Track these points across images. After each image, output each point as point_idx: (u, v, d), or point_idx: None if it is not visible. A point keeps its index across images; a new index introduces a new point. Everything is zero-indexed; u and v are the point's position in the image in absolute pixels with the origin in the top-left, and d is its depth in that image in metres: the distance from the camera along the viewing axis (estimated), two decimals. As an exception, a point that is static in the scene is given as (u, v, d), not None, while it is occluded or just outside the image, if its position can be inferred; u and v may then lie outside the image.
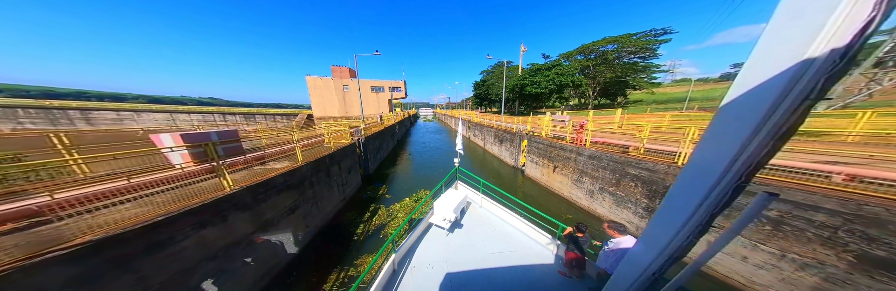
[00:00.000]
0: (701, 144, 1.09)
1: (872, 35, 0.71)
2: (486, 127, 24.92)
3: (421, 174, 16.54)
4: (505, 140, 19.30)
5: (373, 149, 16.82)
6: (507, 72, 65.40)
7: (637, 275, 1.49)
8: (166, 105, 48.40)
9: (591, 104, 45.40)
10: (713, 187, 1.04)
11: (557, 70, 38.49)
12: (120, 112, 36.04)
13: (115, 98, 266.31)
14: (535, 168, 14.11)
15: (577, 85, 37.53)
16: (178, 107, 43.55)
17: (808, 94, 0.80)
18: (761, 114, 0.87)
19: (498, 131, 20.92)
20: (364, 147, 14.40)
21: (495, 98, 61.80)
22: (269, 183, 6.05)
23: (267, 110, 54.47)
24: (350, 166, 11.85)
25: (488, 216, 5.78)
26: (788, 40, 0.80)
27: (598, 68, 42.35)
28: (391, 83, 46.04)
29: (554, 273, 3.98)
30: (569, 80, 37.05)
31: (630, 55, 38.73)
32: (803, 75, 0.79)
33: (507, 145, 18.76)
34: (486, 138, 25.25)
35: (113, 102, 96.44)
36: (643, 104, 52.66)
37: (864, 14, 0.68)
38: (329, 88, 42.10)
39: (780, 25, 0.80)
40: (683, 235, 1.21)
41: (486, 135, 24.81)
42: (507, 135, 18.87)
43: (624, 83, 44.01)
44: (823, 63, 0.76)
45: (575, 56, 44.90)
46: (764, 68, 0.86)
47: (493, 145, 22.45)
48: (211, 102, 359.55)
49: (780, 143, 0.89)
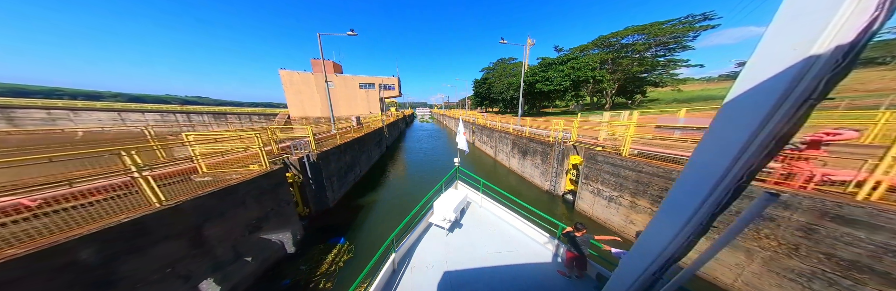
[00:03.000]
0: (702, 143, 1.07)
1: (876, 34, 0.69)
2: (498, 132, 19.41)
3: (413, 197, 10.98)
4: (531, 152, 13.80)
5: (338, 169, 11.18)
6: (509, 69, 60.50)
7: (637, 275, 1.46)
8: (113, 103, 42.03)
9: (609, 103, 40.12)
10: (714, 187, 1.04)
11: (574, 64, 33.19)
12: (51, 111, 29.83)
13: (91, 97, 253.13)
14: (602, 204, 8.63)
15: (597, 81, 32.23)
16: (129, 105, 37.38)
17: (810, 94, 0.79)
18: (763, 114, 0.87)
19: (518, 139, 15.43)
20: (313, 170, 8.77)
21: (498, 97, 56.46)
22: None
23: (242, 109, 48.26)
24: (261, 217, 6.25)
25: (488, 215, 5.73)
26: (791, 40, 0.79)
27: (620, 61, 37.03)
28: (383, 80, 40.35)
29: (554, 272, 3.94)
30: (588, 75, 31.77)
31: (660, 46, 33.45)
32: (806, 75, 0.78)
33: (536, 160, 13.27)
34: (498, 146, 19.74)
35: (88, 100, 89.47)
36: (661, 103, 47.75)
37: (868, 13, 0.67)
38: (309, 85, 36.26)
39: (783, 25, 0.80)
40: (684, 235, 1.20)
41: (499, 142, 19.30)
42: (535, 145, 13.37)
43: (641, 80, 38.91)
44: (826, 63, 0.75)
45: (590, 50, 39.66)
46: (766, 68, 0.85)
47: (511, 156, 16.94)
48: (197, 101, 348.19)
49: (781, 143, 0.89)
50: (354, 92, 39.48)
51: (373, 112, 38.25)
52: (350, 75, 38.99)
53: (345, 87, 38.82)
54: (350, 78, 38.87)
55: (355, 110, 39.41)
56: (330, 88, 38.56)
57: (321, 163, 9.23)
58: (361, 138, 15.54)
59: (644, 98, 46.50)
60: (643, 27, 33.25)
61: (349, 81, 38.88)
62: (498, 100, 59.55)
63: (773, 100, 0.83)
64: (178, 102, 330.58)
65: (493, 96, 58.81)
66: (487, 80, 61.37)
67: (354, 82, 39.21)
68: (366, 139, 16.74)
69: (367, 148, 16.95)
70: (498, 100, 59.55)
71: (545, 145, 12.32)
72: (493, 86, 57.47)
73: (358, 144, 14.50)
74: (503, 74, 57.62)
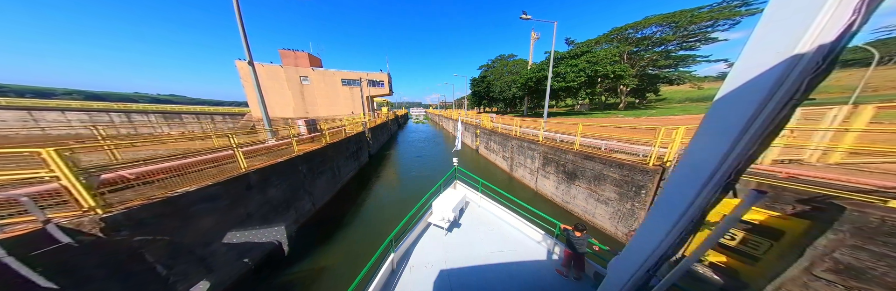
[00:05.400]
0: (693, 142, 1.09)
1: (853, 38, 0.73)
2: (515, 139, 14.37)
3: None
4: (590, 178, 8.79)
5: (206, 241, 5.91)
6: (510, 66, 55.86)
7: (632, 272, 1.47)
8: (26, 99, 34.81)
9: (623, 102, 35.80)
10: (704, 184, 1.05)
11: (589, 58, 28.71)
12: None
13: (40, 94, 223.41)
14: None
15: (617, 77, 27.76)
16: (46, 102, 30.47)
17: (793, 94, 0.82)
18: (750, 113, 0.89)
19: (556, 153, 10.39)
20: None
21: (498, 96, 51.79)
22: None
23: (202, 109, 41.47)
24: None
25: (487, 215, 5.69)
26: (775, 42, 0.82)
27: (642, 55, 32.70)
28: (370, 75, 34.82)
29: (552, 271, 3.93)
30: (608, 70, 27.28)
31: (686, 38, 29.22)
32: (789, 76, 0.81)
33: (603, 191, 8.27)
34: (515, 158, 14.71)
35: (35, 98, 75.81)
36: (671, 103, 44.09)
37: (845, 18, 0.70)
38: (278, 80, 30.41)
39: (768, 27, 0.83)
40: (676, 232, 1.22)
41: (518, 154, 14.26)
42: (597, 167, 8.36)
43: (655, 76, 34.91)
44: (808, 64, 0.78)
45: (602, 44, 35.32)
46: (752, 69, 0.87)
47: (541, 175, 11.89)
48: (170, 100, 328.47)
49: (767, 141, 0.91)
50: (336, 89, 33.78)
51: (355, 112, 32.66)
52: (331, 70, 33.29)
53: (324, 83, 33.08)
54: (330, 73, 33.17)
55: (337, 110, 33.72)
56: (304, 85, 32.86)
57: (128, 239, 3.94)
58: (320, 152, 10.21)
59: (657, 97, 42.81)
60: (670, 16, 29.01)
61: (329, 76, 33.17)
62: (498, 99, 54.88)
63: (758, 100, 0.86)
64: (147, 100, 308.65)
65: (492, 95, 54.12)
66: (486, 78, 56.68)
67: (336, 78, 33.52)
68: (329, 154, 11.40)
69: (330, 166, 11.60)
70: (498, 99, 54.88)
71: (627, 169, 7.34)
72: (492, 84, 52.77)
73: (306, 162, 9.14)
74: (503, 71, 52.90)
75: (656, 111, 27.58)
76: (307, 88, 32.52)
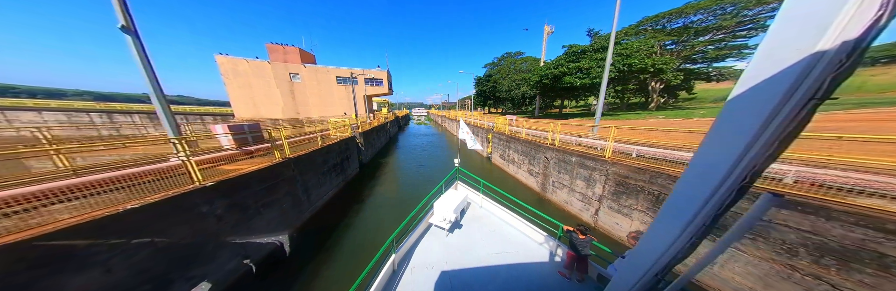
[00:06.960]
0: (704, 143, 1.05)
1: (881, 33, 0.68)
2: (552, 150, 10.66)
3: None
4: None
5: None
6: (519, 63, 51.96)
7: (639, 276, 1.43)
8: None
9: (655, 101, 31.55)
10: (717, 187, 1.02)
11: (619, 50, 24.77)
12: None
13: (52, 95, 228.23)
14: None
15: (658, 70, 23.69)
16: (23, 102, 28.12)
17: (813, 93, 0.78)
18: (766, 113, 0.85)
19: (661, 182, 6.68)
20: None
21: (505, 96, 47.98)
22: None
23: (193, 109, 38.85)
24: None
25: (488, 216, 5.66)
26: (795, 39, 0.78)
27: (686, 46, 28.19)
28: (367, 73, 31.53)
29: (554, 273, 3.90)
30: (647, 63, 23.29)
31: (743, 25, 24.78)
32: (809, 74, 0.77)
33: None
34: (549, 172, 11.01)
35: (47, 99, 79.03)
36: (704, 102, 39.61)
37: (872, 12, 0.66)
38: (265, 77, 27.28)
39: (787, 23, 0.79)
40: (686, 236, 1.17)
41: (562, 171, 10.57)
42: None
43: (690, 72, 30.61)
44: (830, 62, 0.74)
45: (630, 36, 31.21)
46: (770, 67, 0.83)
47: (608, 210, 8.18)
48: (178, 101, 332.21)
49: (785, 143, 0.87)
50: (330, 88, 30.56)
51: (348, 114, 29.32)
52: (324, 67, 30.09)
53: (317, 81, 29.89)
54: (324, 70, 29.95)
55: (331, 111, 30.48)
56: (295, 83, 29.70)
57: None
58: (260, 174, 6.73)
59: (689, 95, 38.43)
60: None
61: (322, 73, 29.97)
62: (505, 99, 51.06)
63: (776, 99, 0.83)
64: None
65: (498, 95, 50.35)
66: (491, 77, 52.94)
67: (330, 76, 30.29)
68: (288, 174, 7.91)
69: (288, 192, 8.10)
70: (505, 99, 51.06)
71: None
72: (499, 83, 49.01)
73: (225, 196, 5.61)
74: (511, 70, 49.04)
75: (705, 111, 23.37)
76: (298, 86, 29.38)
